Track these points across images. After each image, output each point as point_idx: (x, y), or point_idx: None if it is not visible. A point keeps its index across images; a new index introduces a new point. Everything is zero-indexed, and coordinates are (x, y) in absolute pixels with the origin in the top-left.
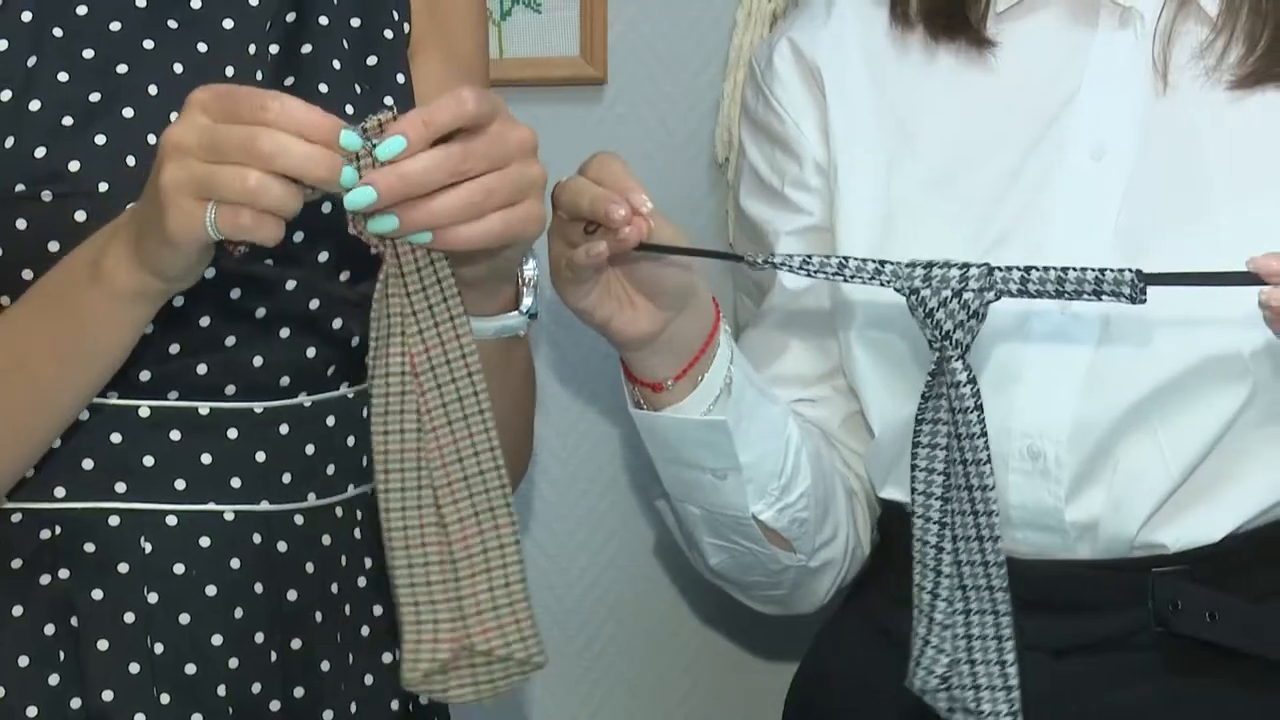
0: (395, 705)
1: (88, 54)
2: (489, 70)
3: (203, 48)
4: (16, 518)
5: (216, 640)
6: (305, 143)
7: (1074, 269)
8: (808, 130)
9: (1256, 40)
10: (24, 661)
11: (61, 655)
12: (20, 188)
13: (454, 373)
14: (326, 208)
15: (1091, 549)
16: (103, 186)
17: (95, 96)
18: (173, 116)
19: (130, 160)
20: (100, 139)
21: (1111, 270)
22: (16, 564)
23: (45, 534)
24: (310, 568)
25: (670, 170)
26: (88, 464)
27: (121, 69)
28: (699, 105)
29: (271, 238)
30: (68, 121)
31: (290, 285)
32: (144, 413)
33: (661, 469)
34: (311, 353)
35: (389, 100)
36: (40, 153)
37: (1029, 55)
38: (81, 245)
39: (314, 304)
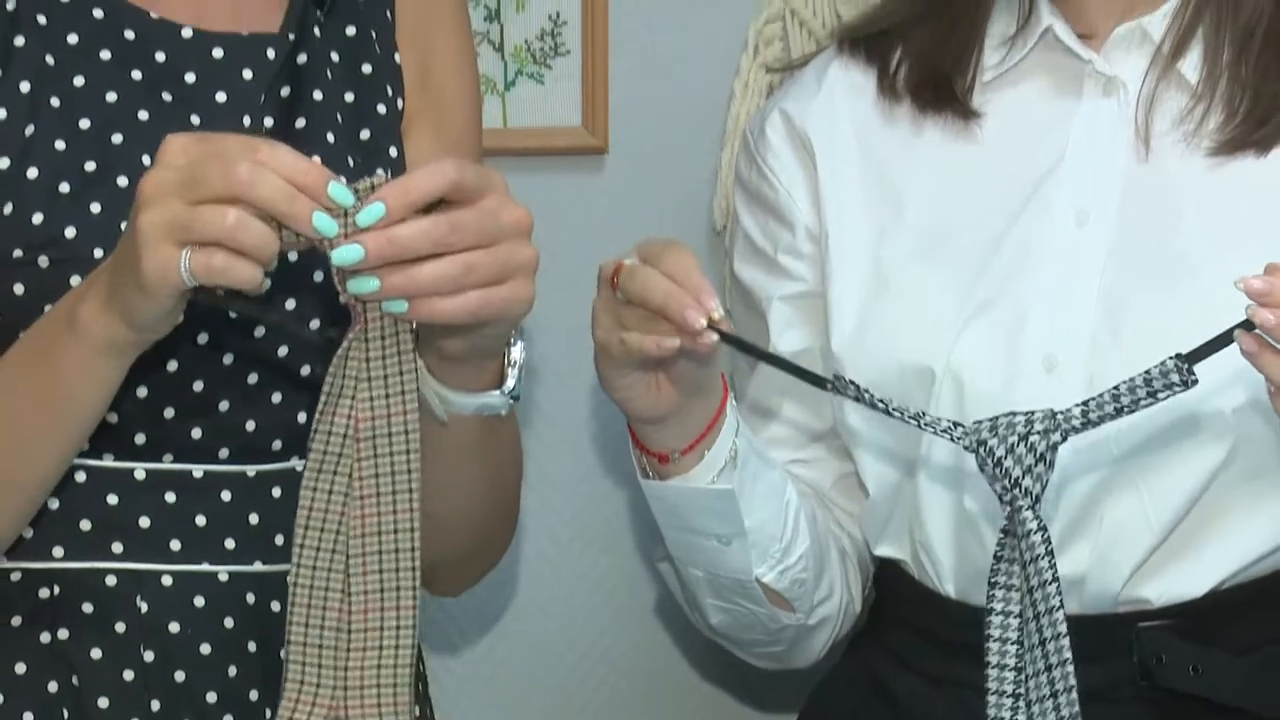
0: None
1: (84, 124)
2: (481, 145)
3: (196, 120)
4: (16, 576)
5: (211, 697)
6: (284, 181)
7: (1124, 382)
8: (799, 198)
9: (1235, 108)
10: (28, 718)
11: (65, 713)
12: (18, 253)
13: (394, 446)
14: (318, 275)
15: (1079, 603)
16: (98, 253)
17: (91, 165)
18: None
19: (124, 227)
20: (96, 207)
21: (1155, 367)
22: (16, 621)
23: (44, 593)
24: None
25: (669, 237)
26: (85, 525)
27: (117, 139)
28: (697, 174)
29: (248, 281)
30: (65, 189)
31: (282, 352)
32: (140, 475)
33: (667, 534)
34: (302, 417)
35: (381, 172)
36: (38, 219)
37: (1014, 124)
38: (58, 304)
39: (304, 370)
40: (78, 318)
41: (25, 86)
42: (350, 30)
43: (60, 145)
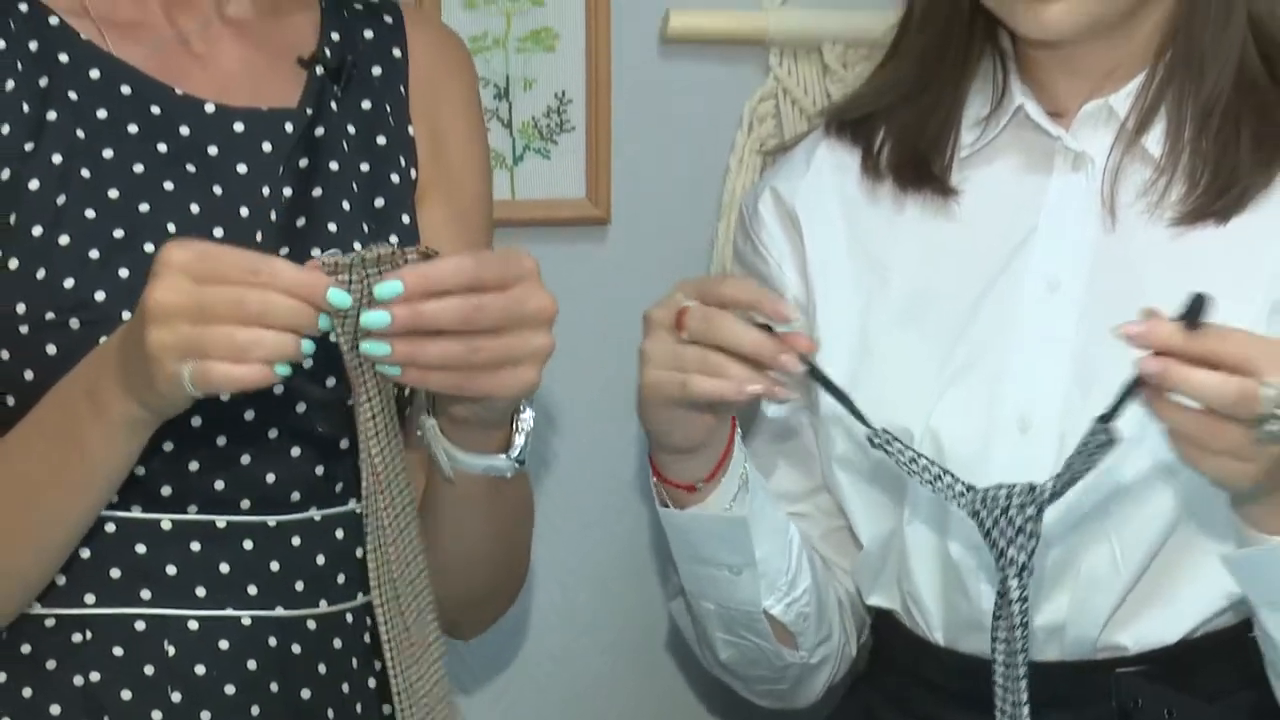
0: None
1: (113, 194)
2: (492, 215)
3: (218, 190)
4: (50, 622)
5: None
6: (290, 299)
7: (1072, 452)
8: (788, 271)
9: (1196, 180)
10: None
11: None
12: (50, 315)
13: (402, 491)
14: (332, 335)
15: (1060, 650)
16: (125, 314)
17: (119, 233)
18: None
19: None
20: (123, 272)
21: (1086, 435)
22: (51, 665)
23: (77, 637)
24: (323, 669)
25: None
26: (115, 573)
27: (143, 208)
28: (695, 244)
29: (256, 383)
30: (94, 255)
31: (300, 409)
32: (166, 526)
33: (682, 567)
34: (320, 470)
35: (393, 239)
36: (69, 284)
37: (990, 198)
38: (73, 375)
39: (320, 427)
40: (98, 396)
41: (57, 158)
42: (365, 104)
43: (90, 214)
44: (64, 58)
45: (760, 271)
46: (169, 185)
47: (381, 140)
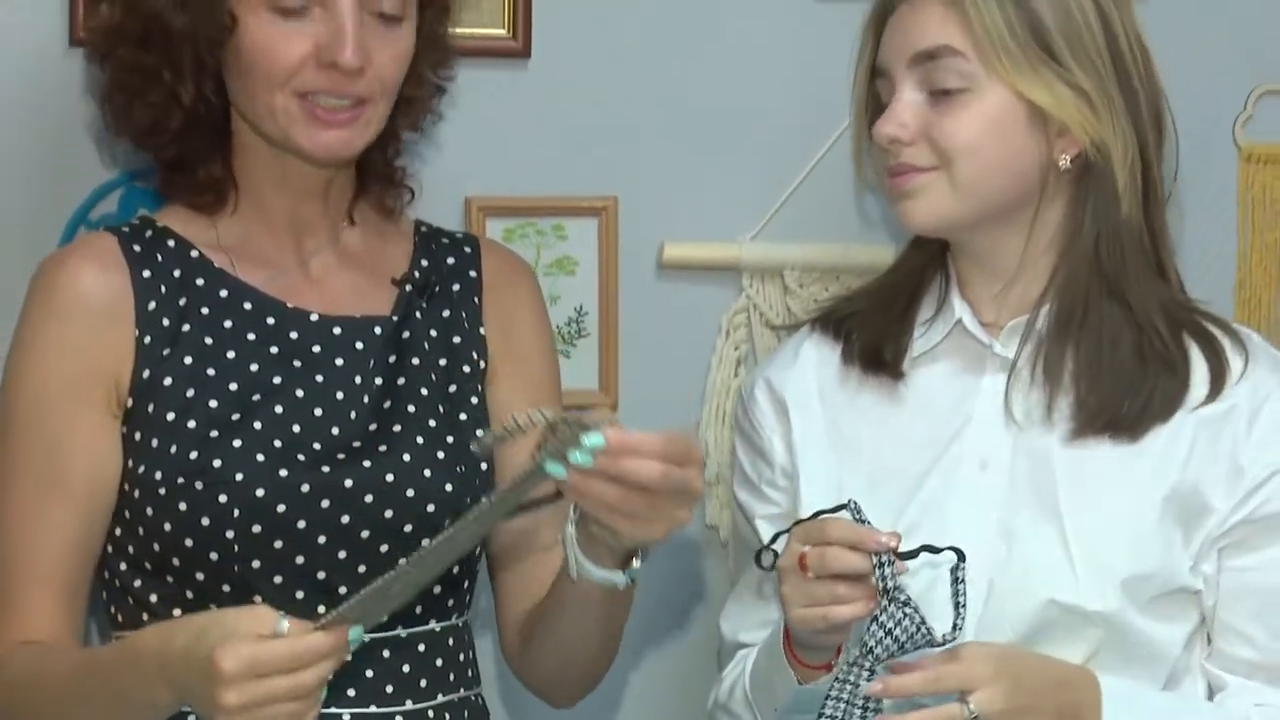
0: None
1: (232, 387)
2: (560, 390)
3: (319, 379)
4: None
5: None
6: (321, 667)
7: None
8: (777, 445)
9: (1084, 400)
10: None
11: None
12: (180, 480)
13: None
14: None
15: None
16: (239, 477)
17: (235, 416)
18: (295, 429)
19: (259, 457)
20: (237, 443)
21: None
22: None
23: None
24: None
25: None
26: None
27: (256, 397)
28: (685, 424)
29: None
30: (214, 434)
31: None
32: None
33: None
34: (437, 590)
35: (463, 416)
36: (194, 455)
37: (935, 391)
38: (138, 682)
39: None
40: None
41: (188, 360)
42: (445, 313)
43: (213, 404)
44: (199, 282)
45: (756, 444)
46: (277, 379)
47: (457, 339)
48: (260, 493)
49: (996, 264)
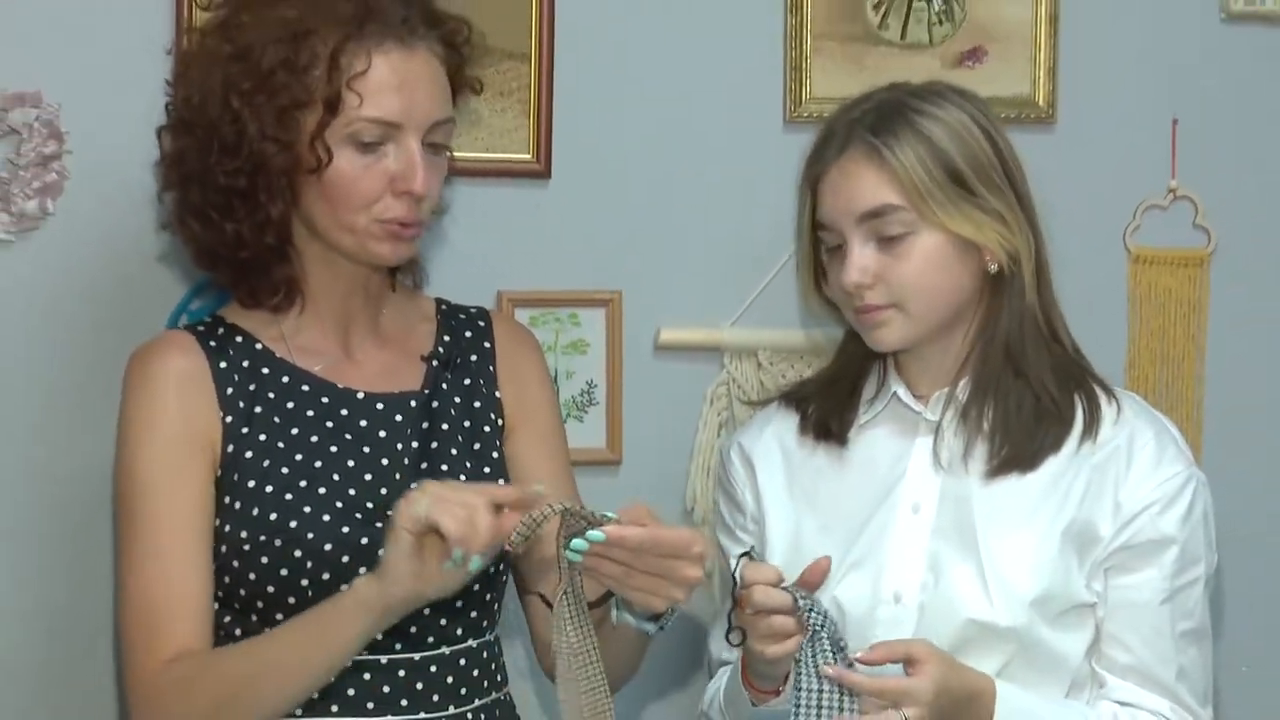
0: None
1: (298, 457)
2: (566, 443)
3: (366, 449)
4: None
5: None
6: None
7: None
8: (747, 496)
9: (998, 449)
10: None
11: None
12: (261, 538)
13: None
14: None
15: None
16: (310, 536)
17: (303, 483)
18: (350, 492)
19: (325, 518)
20: (307, 508)
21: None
22: None
23: None
24: None
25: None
26: (350, 691)
27: (317, 465)
28: (676, 479)
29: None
30: (288, 498)
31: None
32: (383, 661)
33: None
34: (443, 621)
35: (486, 469)
36: (272, 517)
37: (876, 452)
38: (347, 610)
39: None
40: (362, 622)
41: (262, 437)
42: (466, 381)
43: (284, 471)
44: (265, 370)
45: (731, 495)
46: (334, 449)
47: (477, 404)
48: (328, 548)
49: (931, 354)
